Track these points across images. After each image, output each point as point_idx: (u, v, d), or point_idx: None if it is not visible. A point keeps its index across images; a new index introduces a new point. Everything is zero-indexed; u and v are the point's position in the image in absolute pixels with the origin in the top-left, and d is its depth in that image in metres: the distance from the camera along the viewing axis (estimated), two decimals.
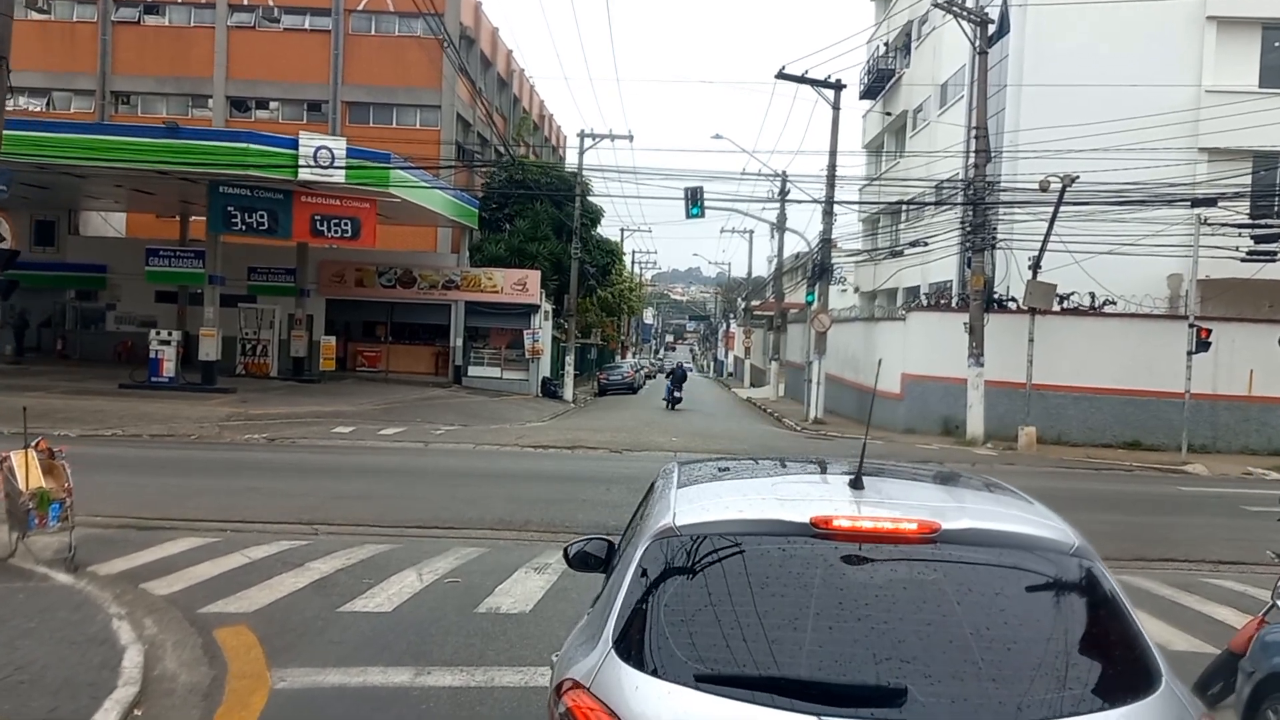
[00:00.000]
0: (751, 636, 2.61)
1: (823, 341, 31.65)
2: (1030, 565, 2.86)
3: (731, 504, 3.14)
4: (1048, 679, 2.57)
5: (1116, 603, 2.84)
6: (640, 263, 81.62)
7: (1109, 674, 2.64)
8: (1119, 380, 24.85)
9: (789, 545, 2.81)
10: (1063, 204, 22.54)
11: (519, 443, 21.89)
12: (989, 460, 21.76)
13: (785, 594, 2.73)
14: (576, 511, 13.71)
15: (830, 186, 30.36)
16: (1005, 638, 2.64)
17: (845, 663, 2.56)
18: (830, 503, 3.06)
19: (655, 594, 2.79)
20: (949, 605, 2.71)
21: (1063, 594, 2.85)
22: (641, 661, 2.65)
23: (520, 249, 42.15)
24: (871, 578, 2.75)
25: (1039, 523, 3.13)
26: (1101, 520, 13.91)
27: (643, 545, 2.96)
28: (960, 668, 2.56)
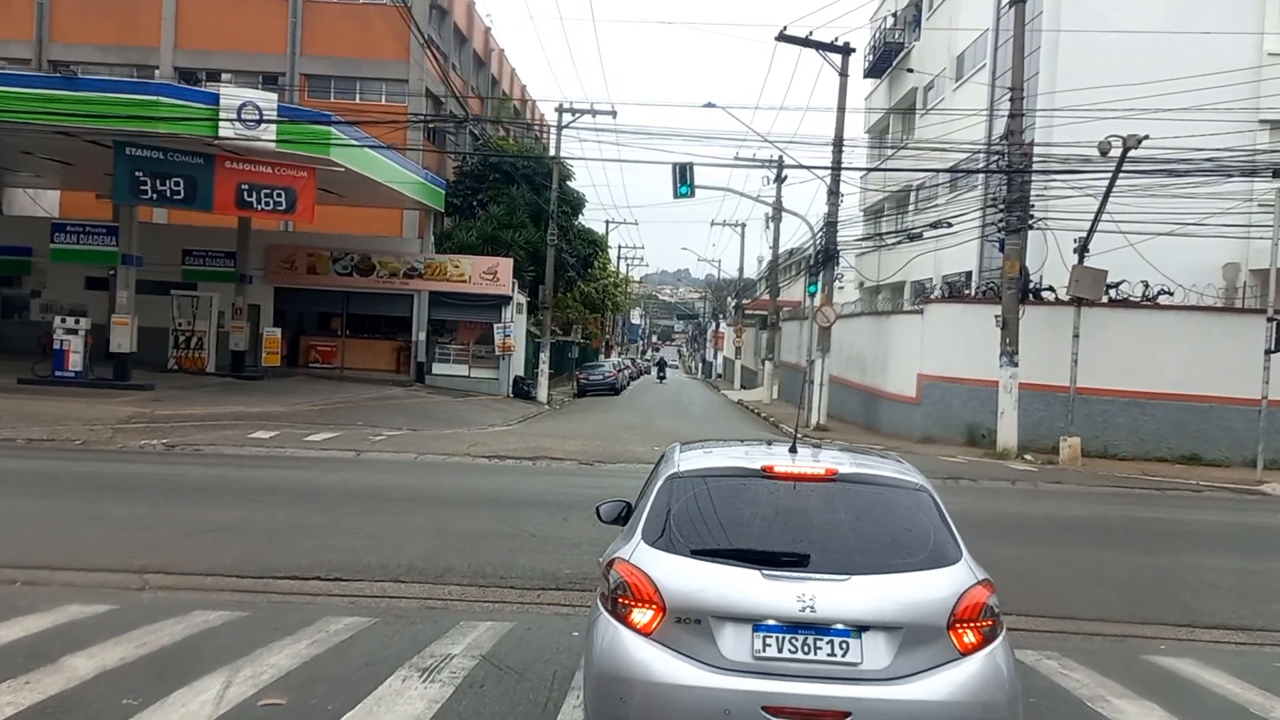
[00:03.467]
0: (723, 529, 4.47)
1: (827, 338, 28.12)
2: (889, 494, 4.70)
3: (714, 460, 4.98)
4: (892, 551, 4.39)
5: (940, 513, 4.61)
6: (627, 258, 78.02)
7: (930, 551, 4.38)
8: (1176, 384, 21.39)
9: (748, 481, 4.67)
10: (1120, 173, 19.05)
11: (471, 452, 18.31)
12: (1029, 477, 18.29)
13: (744, 507, 4.58)
14: (517, 554, 10.15)
15: (836, 162, 26.83)
16: (870, 530, 4.51)
17: (776, 543, 4.37)
18: (775, 459, 4.78)
19: (668, 508, 4.57)
20: (839, 514, 4.55)
21: (907, 508, 4.63)
22: (660, 544, 4.39)
23: (494, 237, 38.53)
24: (795, 499, 4.60)
25: (901, 471, 4.96)
26: (1213, 568, 10.46)
27: (658, 483, 4.76)
28: (842, 544, 4.41)
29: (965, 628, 4.12)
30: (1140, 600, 9.53)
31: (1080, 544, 11.94)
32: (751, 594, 4.09)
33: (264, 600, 8.32)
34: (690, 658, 4.05)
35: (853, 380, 30.48)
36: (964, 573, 4.28)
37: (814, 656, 4.04)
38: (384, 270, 33.60)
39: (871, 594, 4.11)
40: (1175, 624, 8.92)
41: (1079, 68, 23.65)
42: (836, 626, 4.06)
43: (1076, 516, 13.98)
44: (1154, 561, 11.10)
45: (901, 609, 4.09)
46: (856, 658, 4.03)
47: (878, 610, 4.08)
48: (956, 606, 4.12)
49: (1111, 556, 11.23)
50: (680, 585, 4.16)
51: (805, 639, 4.06)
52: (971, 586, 4.21)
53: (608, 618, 4.28)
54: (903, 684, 4.01)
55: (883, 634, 4.06)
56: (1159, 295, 21.62)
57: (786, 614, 4.05)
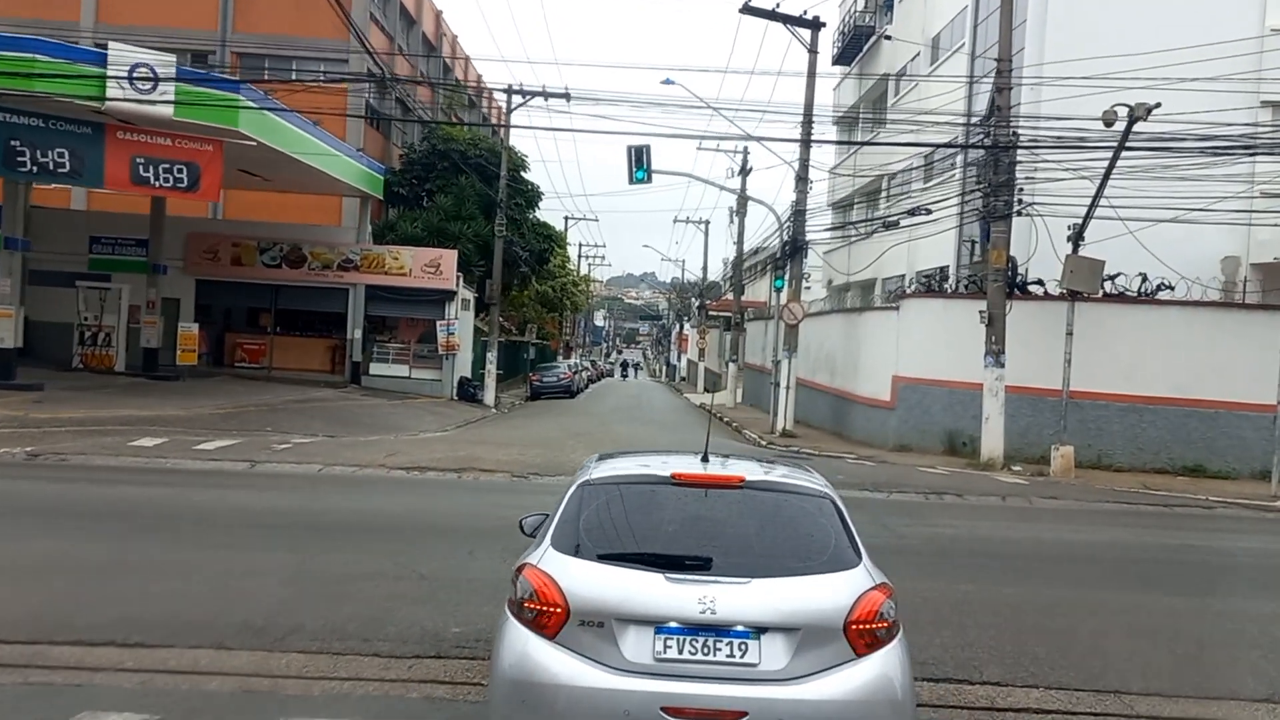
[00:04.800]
0: (631, 535, 4.50)
1: (794, 337, 25.96)
2: (793, 500, 4.70)
3: (625, 468, 4.96)
4: (794, 555, 4.43)
5: (842, 519, 4.61)
6: (588, 257, 75.52)
7: (830, 556, 4.41)
8: (1179, 387, 19.38)
9: (657, 488, 4.70)
10: (1122, 151, 17.00)
11: (387, 463, 15.90)
12: (1021, 492, 16.18)
13: (652, 513, 4.60)
14: (397, 604, 7.81)
15: (805, 145, 24.70)
16: (774, 535, 4.55)
17: (682, 547, 4.38)
18: (687, 466, 4.83)
19: (578, 515, 4.58)
20: (745, 519, 4.60)
21: (810, 514, 4.64)
22: (568, 550, 4.38)
23: (441, 229, 36.11)
24: (703, 506, 4.64)
25: (807, 479, 4.90)
26: (1274, 615, 8.37)
27: (570, 491, 4.76)
28: (745, 549, 4.45)
29: (861, 630, 4.17)
30: (1199, 663, 7.37)
31: (1105, 582, 9.76)
32: (654, 597, 4.13)
33: (17, 682, 5.93)
34: (593, 660, 4.09)
35: (822, 383, 28.36)
36: (862, 577, 4.34)
37: (713, 658, 4.10)
38: (316, 262, 31.00)
39: (771, 596, 4.16)
40: (1252, 699, 6.79)
41: (1069, 42, 21.67)
42: (736, 628, 4.11)
43: (1092, 544, 11.82)
44: (1200, 606, 8.94)
45: (799, 611, 4.15)
46: (755, 658, 4.10)
47: (776, 612, 4.14)
48: (853, 610, 4.17)
49: (1147, 600, 9.06)
50: (585, 589, 4.19)
51: (706, 640, 4.11)
52: (868, 590, 4.27)
53: (514, 623, 4.30)
54: (798, 684, 4.08)
55: (781, 635, 4.11)
56: (1159, 289, 19.62)
57: (688, 616, 4.10)
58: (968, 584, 9.21)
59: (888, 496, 15.26)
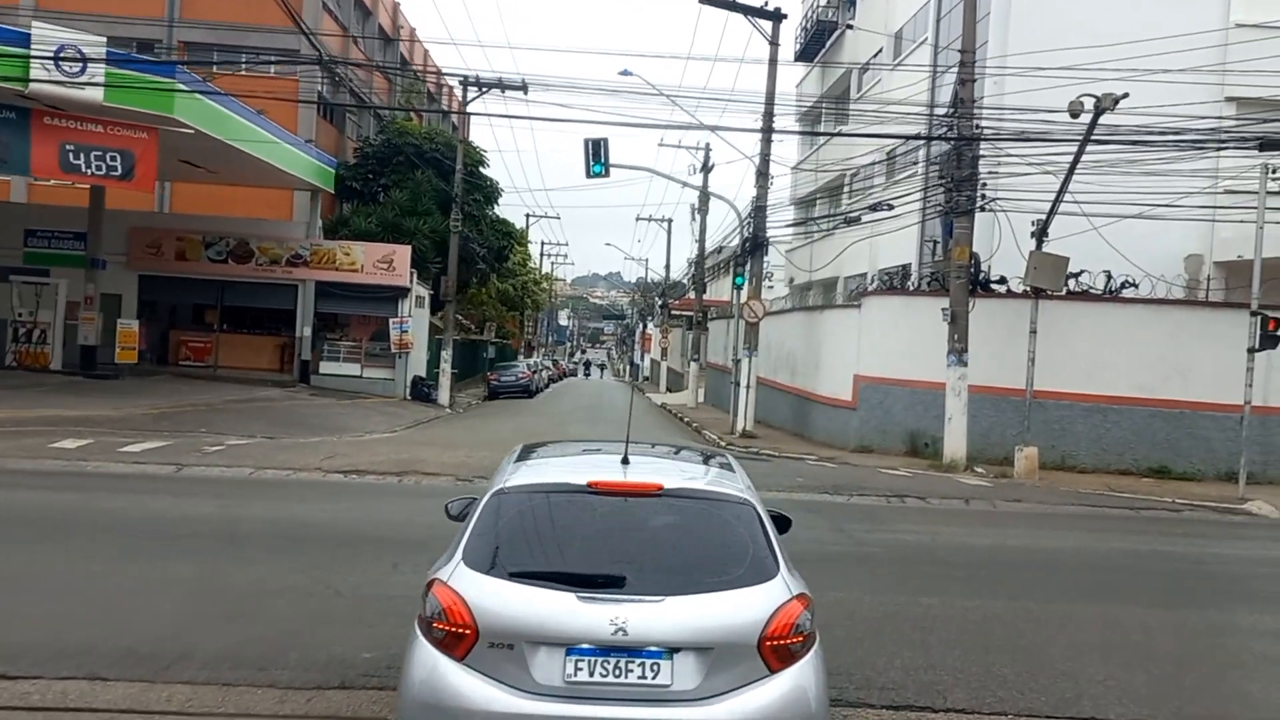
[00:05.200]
0: (544, 550, 4.33)
1: (754, 335, 25.37)
2: (712, 509, 4.52)
3: (542, 474, 4.75)
4: (709, 569, 4.25)
5: (763, 527, 4.44)
6: (550, 255, 74.62)
7: (747, 568, 4.25)
8: (1143, 387, 18.98)
9: (574, 497, 4.47)
10: (1087, 144, 16.55)
11: (324, 466, 15.09)
12: (984, 494, 15.67)
13: (568, 525, 4.42)
14: (306, 624, 7.11)
15: (766, 139, 24.11)
16: (690, 547, 4.38)
17: (596, 563, 4.20)
18: (605, 473, 4.60)
19: (490, 527, 4.39)
20: (662, 531, 4.40)
21: (729, 523, 4.45)
22: (478, 565, 4.20)
23: (395, 224, 35.22)
24: (620, 516, 4.42)
25: (729, 486, 4.66)
26: (1252, 628, 7.86)
27: (484, 500, 4.57)
28: (661, 563, 4.26)
29: (775, 646, 4.08)
30: (1179, 685, 6.82)
31: (1074, 593, 9.20)
32: (565, 618, 4.00)
33: None
34: (503, 683, 3.98)
35: (783, 382, 27.82)
36: (779, 589, 4.22)
37: (624, 680, 3.99)
38: (264, 257, 30.02)
39: (684, 615, 4.04)
40: None
41: (1033, 35, 21.23)
42: (649, 648, 4.00)
43: (1058, 552, 11.28)
44: (1175, 620, 8.40)
45: (713, 630, 4.05)
46: (667, 679, 3.99)
47: (689, 631, 4.02)
48: (768, 625, 4.08)
49: (1119, 613, 8.51)
50: (495, 610, 4.04)
51: (617, 661, 4.00)
52: (785, 603, 4.16)
53: (423, 642, 4.14)
54: (709, 704, 3.99)
55: (693, 654, 4.01)
56: (1123, 287, 19.21)
57: (599, 637, 3.98)
58: (931, 597, 8.62)
59: (848, 500, 14.69)
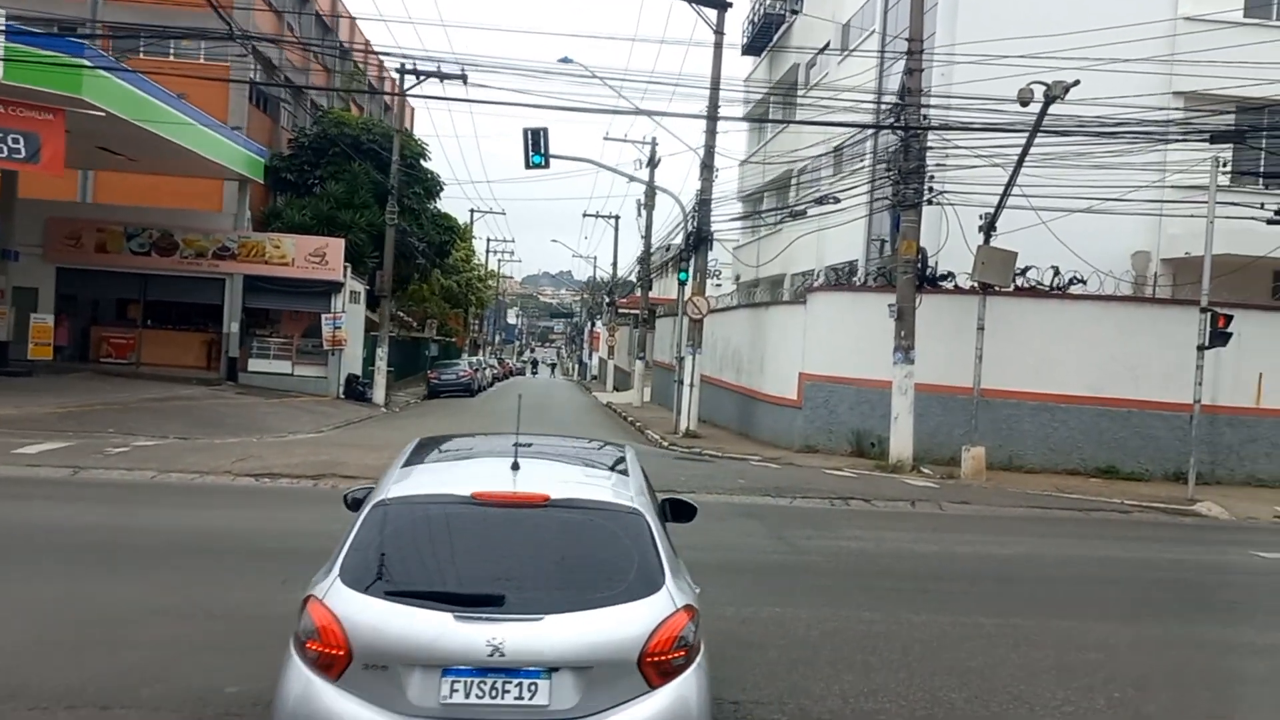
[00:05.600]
0: (423, 566, 4.24)
1: (698, 332, 24.72)
2: (600, 520, 4.36)
3: (426, 484, 4.58)
4: (592, 585, 4.12)
5: (650, 539, 4.31)
6: (496, 251, 73.40)
7: (631, 582, 4.13)
8: (1093, 385, 18.58)
9: (455, 509, 4.34)
10: (1036, 135, 16.08)
11: (235, 469, 14.12)
12: (931, 496, 15.13)
13: (450, 540, 4.30)
14: (170, 653, 6.27)
15: (711, 130, 23.45)
16: (574, 562, 4.26)
17: (475, 581, 4.11)
18: (491, 481, 4.46)
19: (369, 540, 4.22)
20: (546, 545, 4.27)
21: (616, 535, 4.31)
22: (355, 583, 4.03)
23: (331, 217, 34.14)
24: (504, 529, 4.27)
25: (617, 494, 4.55)
26: (1219, 641, 7.29)
27: (365, 510, 4.35)
28: (542, 580, 4.15)
29: (656, 661, 4.00)
30: (1142, 712, 6.21)
31: (1025, 605, 8.60)
32: (441, 639, 3.90)
33: None
34: (377, 705, 3.89)
35: (728, 381, 27.20)
36: (663, 603, 4.12)
37: (501, 700, 3.93)
38: (189, 250, 28.77)
39: (563, 634, 3.95)
40: None
41: (982, 26, 20.72)
42: (527, 668, 3.93)
43: (1008, 559, 10.69)
44: (1134, 634, 7.82)
45: (592, 648, 3.96)
46: (544, 699, 3.93)
47: (568, 650, 3.94)
48: (649, 641, 3.99)
49: (1073, 627, 7.91)
50: (369, 631, 3.92)
51: (494, 682, 3.93)
52: (668, 617, 4.07)
53: (297, 661, 4.02)
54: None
55: (571, 674, 3.94)
56: (1071, 283, 18.81)
57: (475, 659, 3.90)
58: (874, 611, 7.96)
59: (791, 503, 14.06)
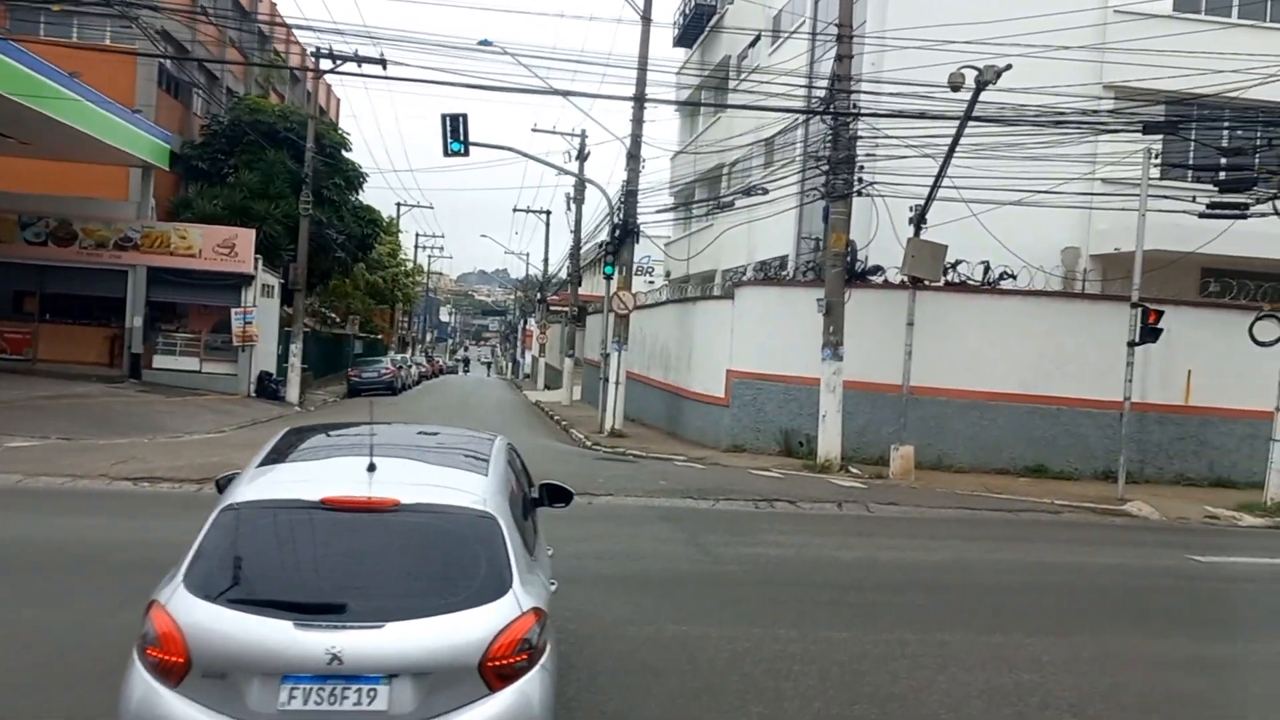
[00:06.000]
0: (267, 573, 4.21)
1: (624, 328, 23.98)
2: (449, 524, 4.38)
3: (278, 487, 4.51)
4: (436, 591, 4.16)
5: (501, 542, 4.35)
6: (425, 246, 71.79)
7: (481, 586, 4.20)
8: (1022, 382, 18.20)
9: (303, 514, 4.29)
10: (967, 124, 15.60)
11: (113, 472, 13.00)
12: (858, 497, 14.54)
13: (294, 546, 4.30)
14: None
15: (638, 118, 22.70)
16: (420, 567, 4.29)
17: (318, 589, 4.16)
18: (344, 484, 4.41)
19: (216, 546, 4.23)
20: (393, 550, 4.29)
21: (466, 540, 4.36)
22: (198, 589, 4.05)
23: (245, 207, 32.67)
24: (351, 535, 4.27)
25: (470, 498, 4.50)
26: (1153, 656, 6.71)
27: (213, 515, 4.34)
28: (386, 586, 4.19)
29: (497, 666, 4.07)
30: None
31: (954, 618, 7.96)
32: (279, 647, 3.92)
33: None
34: (215, 711, 3.90)
35: (656, 379, 26.50)
36: (508, 607, 4.19)
37: (339, 707, 3.96)
38: (89, 240, 27.20)
39: (403, 641, 4.00)
40: None
41: (913, 14, 20.24)
42: (366, 675, 3.96)
43: (936, 566, 10.08)
44: (1069, 649, 7.21)
45: (432, 654, 4.03)
46: (383, 705, 3.98)
47: (407, 657, 4.00)
48: (491, 645, 4.07)
49: (1005, 643, 7.28)
50: (208, 639, 3.95)
51: (334, 689, 3.96)
52: (513, 621, 4.14)
53: (140, 667, 4.03)
54: None
55: (411, 679, 4.00)
56: (1002, 278, 18.42)
57: (314, 666, 3.92)
58: (791, 628, 7.25)
59: (713, 505, 13.36)
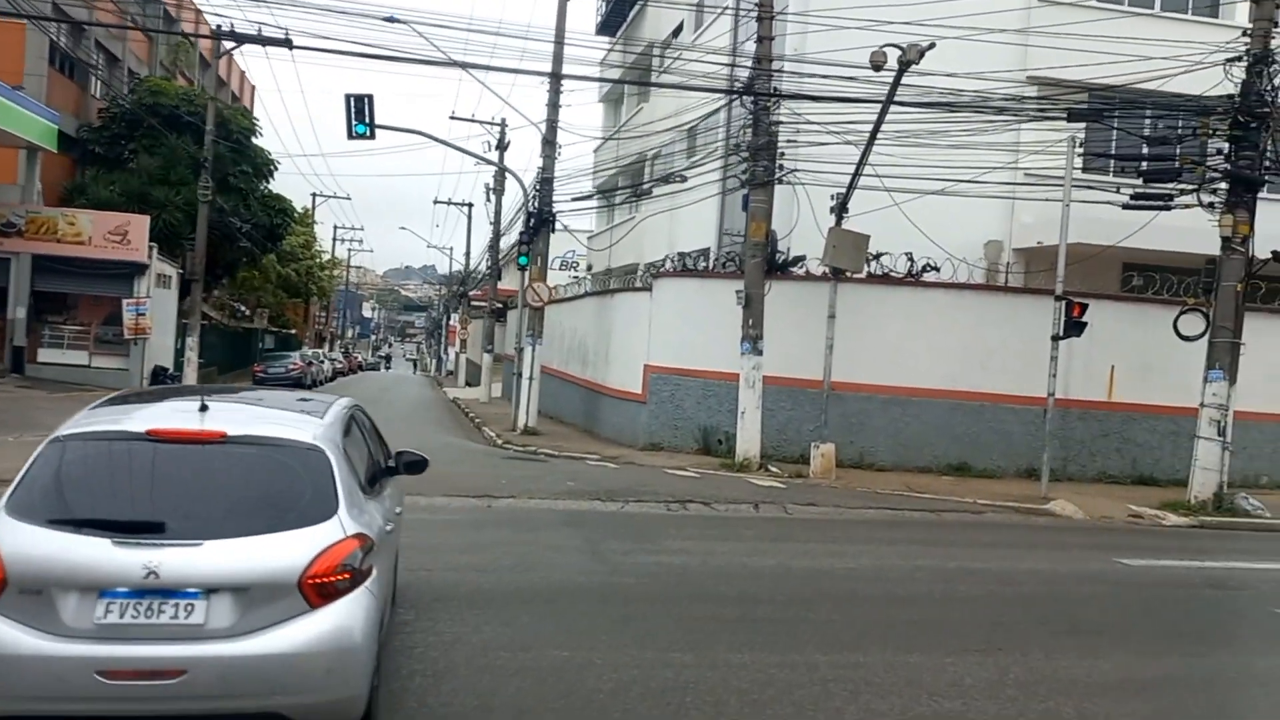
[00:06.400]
0: (90, 497, 4.39)
1: (539, 321, 23.01)
2: (275, 455, 4.61)
3: (105, 422, 4.74)
4: (258, 514, 4.35)
5: (329, 474, 4.57)
6: (344, 239, 69.69)
7: (303, 511, 4.39)
8: (945, 377, 17.67)
9: (130, 444, 4.52)
10: (892, 104, 14.97)
11: None
12: (777, 497, 13.82)
13: (117, 473, 4.49)
14: None
15: (553, 102, 21.73)
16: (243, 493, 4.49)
17: (138, 510, 4.31)
18: (174, 419, 4.72)
19: (41, 474, 4.40)
20: (216, 477, 4.50)
21: (291, 469, 4.56)
22: (19, 512, 4.22)
23: (143, 194, 31.14)
24: (177, 464, 4.49)
25: (300, 434, 4.73)
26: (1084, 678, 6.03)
27: (40, 448, 4.53)
28: (208, 509, 4.35)
29: (317, 584, 4.19)
30: None
31: (869, 636, 7.18)
32: (97, 563, 4.06)
33: None
34: (31, 627, 4.00)
35: (574, 374, 25.58)
36: (331, 530, 4.36)
37: (157, 620, 4.05)
38: None
39: (221, 558, 4.13)
40: None
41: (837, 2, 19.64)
42: (185, 590, 4.08)
43: (853, 574, 9.32)
44: (995, 671, 6.47)
45: (250, 571, 4.14)
46: (201, 619, 4.07)
47: (224, 573, 4.12)
48: (311, 565, 4.19)
49: (925, 664, 6.53)
50: (25, 556, 4.08)
51: (151, 603, 4.06)
52: (335, 543, 4.30)
53: None
54: (242, 640, 4.08)
55: (230, 595, 4.10)
56: (925, 270, 17.87)
57: (131, 581, 4.05)
58: (687, 651, 6.41)
59: (622, 508, 12.51)
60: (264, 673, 4.05)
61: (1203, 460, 14.79)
